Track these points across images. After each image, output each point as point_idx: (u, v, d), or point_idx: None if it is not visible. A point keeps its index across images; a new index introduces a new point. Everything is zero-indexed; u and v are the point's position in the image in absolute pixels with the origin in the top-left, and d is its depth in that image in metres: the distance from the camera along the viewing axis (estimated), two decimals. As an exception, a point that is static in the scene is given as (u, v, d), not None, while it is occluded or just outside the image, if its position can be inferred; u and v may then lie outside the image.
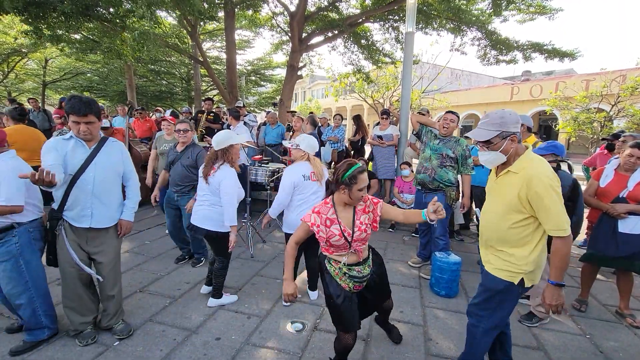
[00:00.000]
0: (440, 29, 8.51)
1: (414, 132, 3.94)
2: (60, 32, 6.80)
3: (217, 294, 2.83)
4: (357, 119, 6.49)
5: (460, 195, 5.13)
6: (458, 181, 3.77)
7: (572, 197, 2.54)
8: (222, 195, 2.60)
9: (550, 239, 1.62)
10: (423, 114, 5.58)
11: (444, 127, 3.40)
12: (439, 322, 2.72)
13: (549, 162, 2.57)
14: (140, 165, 5.46)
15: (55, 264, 2.24)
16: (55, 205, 2.14)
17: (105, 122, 4.98)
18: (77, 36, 8.43)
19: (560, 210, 1.53)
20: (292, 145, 2.78)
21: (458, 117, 3.52)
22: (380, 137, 5.50)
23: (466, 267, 3.58)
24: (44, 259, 2.27)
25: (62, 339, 2.31)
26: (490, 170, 1.86)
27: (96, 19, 7.07)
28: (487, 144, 1.65)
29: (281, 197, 2.73)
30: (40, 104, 8.49)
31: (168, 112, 7.65)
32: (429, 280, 3.30)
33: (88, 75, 17.72)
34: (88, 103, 2.03)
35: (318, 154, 4.59)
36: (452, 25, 8.22)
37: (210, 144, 2.87)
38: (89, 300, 2.32)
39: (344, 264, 1.84)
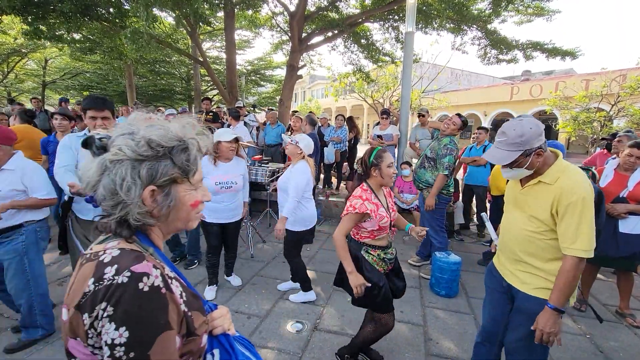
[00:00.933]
0: (440, 28, 8.50)
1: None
2: (60, 32, 6.79)
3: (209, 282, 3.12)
4: (350, 120, 6.79)
5: (460, 195, 5.15)
6: (458, 181, 3.77)
7: (595, 209, 2.43)
8: None
9: None
10: (423, 115, 5.57)
11: (445, 124, 3.42)
12: (439, 322, 2.72)
13: None
14: None
15: (66, 250, 2.35)
16: (66, 197, 2.24)
17: None
18: (78, 36, 8.42)
19: (592, 227, 1.37)
20: (291, 141, 2.78)
21: (464, 122, 3.40)
22: (380, 136, 5.50)
23: (466, 267, 3.58)
24: (50, 256, 2.29)
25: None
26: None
27: (96, 19, 7.07)
28: (512, 164, 1.49)
29: (298, 196, 2.71)
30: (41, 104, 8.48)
31: (167, 111, 7.61)
32: (429, 280, 3.30)
33: (88, 75, 17.70)
34: (104, 99, 2.20)
35: (315, 154, 4.58)
36: (452, 25, 8.21)
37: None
38: None
39: (384, 249, 1.95)
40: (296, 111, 8.57)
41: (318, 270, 3.59)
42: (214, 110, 7.57)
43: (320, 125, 6.23)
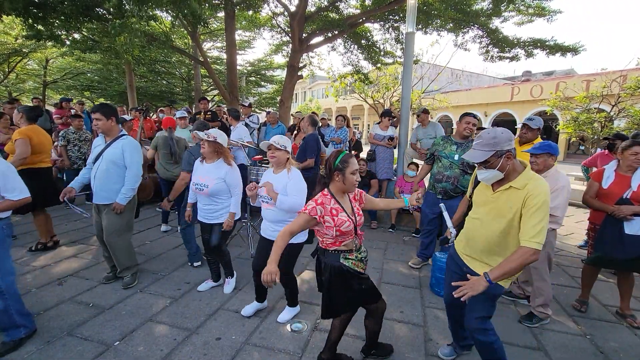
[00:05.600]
0: (441, 28, 8.49)
1: (427, 157, 3.75)
2: (60, 32, 6.79)
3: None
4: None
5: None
6: None
7: None
8: None
9: None
10: (427, 112, 5.57)
11: (466, 130, 3.36)
12: (439, 322, 2.71)
13: (546, 161, 2.58)
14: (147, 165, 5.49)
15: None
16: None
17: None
18: (77, 36, 8.43)
19: (546, 226, 1.61)
20: (279, 146, 2.43)
21: (476, 117, 3.50)
22: (391, 138, 5.42)
23: (466, 268, 3.58)
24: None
25: (62, 339, 2.31)
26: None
27: (96, 19, 7.08)
28: (485, 163, 1.71)
29: (301, 201, 2.37)
30: (42, 105, 8.49)
31: (179, 113, 7.59)
32: (429, 280, 3.30)
33: (88, 75, 17.71)
34: (97, 106, 2.88)
35: (316, 155, 4.56)
36: (452, 25, 8.20)
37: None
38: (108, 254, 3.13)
39: (358, 250, 1.95)
40: (299, 112, 8.59)
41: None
42: (213, 109, 7.56)
43: (319, 125, 6.23)
